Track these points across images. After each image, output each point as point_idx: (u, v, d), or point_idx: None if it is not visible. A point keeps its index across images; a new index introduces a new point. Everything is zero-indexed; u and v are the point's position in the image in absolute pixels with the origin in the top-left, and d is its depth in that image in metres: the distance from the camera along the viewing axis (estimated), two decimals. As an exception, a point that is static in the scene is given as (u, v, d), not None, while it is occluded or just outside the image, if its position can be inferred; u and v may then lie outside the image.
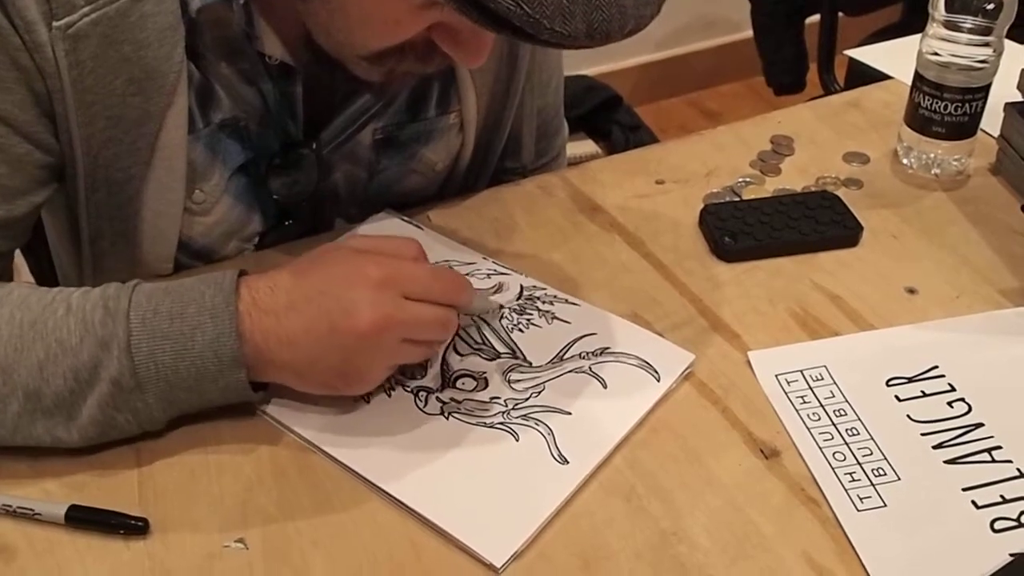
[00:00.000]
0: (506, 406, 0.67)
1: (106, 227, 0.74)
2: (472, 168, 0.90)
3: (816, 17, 1.76)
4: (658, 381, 0.68)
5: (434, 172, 0.88)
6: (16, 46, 0.63)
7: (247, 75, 0.74)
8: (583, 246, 0.82)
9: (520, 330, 0.72)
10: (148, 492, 0.62)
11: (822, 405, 0.67)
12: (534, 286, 0.77)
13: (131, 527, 0.59)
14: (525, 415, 0.66)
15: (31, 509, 0.60)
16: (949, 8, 0.83)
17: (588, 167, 0.92)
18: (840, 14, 1.74)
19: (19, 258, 0.98)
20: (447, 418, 0.66)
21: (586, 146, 1.88)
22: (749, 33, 1.82)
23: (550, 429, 0.65)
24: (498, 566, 0.57)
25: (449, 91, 0.84)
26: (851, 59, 1.69)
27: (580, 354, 0.70)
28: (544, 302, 0.75)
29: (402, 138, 0.84)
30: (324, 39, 0.70)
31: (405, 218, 0.84)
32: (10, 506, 0.60)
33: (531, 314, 0.74)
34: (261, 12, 0.71)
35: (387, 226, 0.84)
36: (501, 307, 0.74)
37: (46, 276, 0.97)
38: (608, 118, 1.93)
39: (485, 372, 0.69)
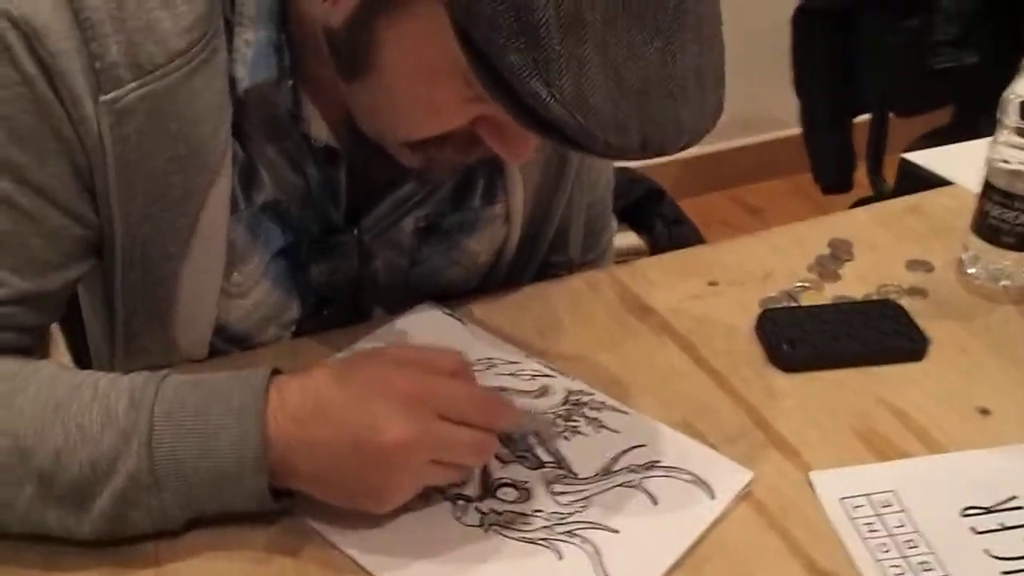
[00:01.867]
0: (549, 520, 0.62)
1: (140, 306, 0.72)
2: (517, 262, 0.87)
3: (865, 116, 1.74)
4: (712, 499, 0.63)
5: (477, 264, 0.85)
6: (60, 118, 0.62)
7: (291, 157, 0.72)
8: (631, 348, 0.78)
9: (565, 438, 0.68)
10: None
11: (891, 535, 0.62)
12: (581, 391, 0.73)
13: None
14: (570, 531, 0.61)
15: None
16: (1023, 115, 0.80)
17: (637, 265, 0.89)
18: (891, 114, 1.73)
19: (56, 331, 0.96)
20: (486, 530, 0.62)
21: (628, 238, 1.86)
22: (793, 130, 1.81)
23: (596, 548, 0.60)
24: None
25: (496, 182, 0.81)
26: (902, 160, 1.66)
27: (629, 467, 0.66)
28: (591, 408, 0.71)
29: (445, 227, 0.81)
30: (367, 123, 0.68)
31: (447, 311, 0.81)
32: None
33: (577, 421, 0.70)
34: (308, 94, 0.70)
35: (427, 318, 0.80)
36: (549, 420, 0.70)
37: (80, 351, 0.94)
38: (651, 211, 1.91)
39: (528, 482, 0.65)
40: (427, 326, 0.80)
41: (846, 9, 1.63)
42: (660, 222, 1.91)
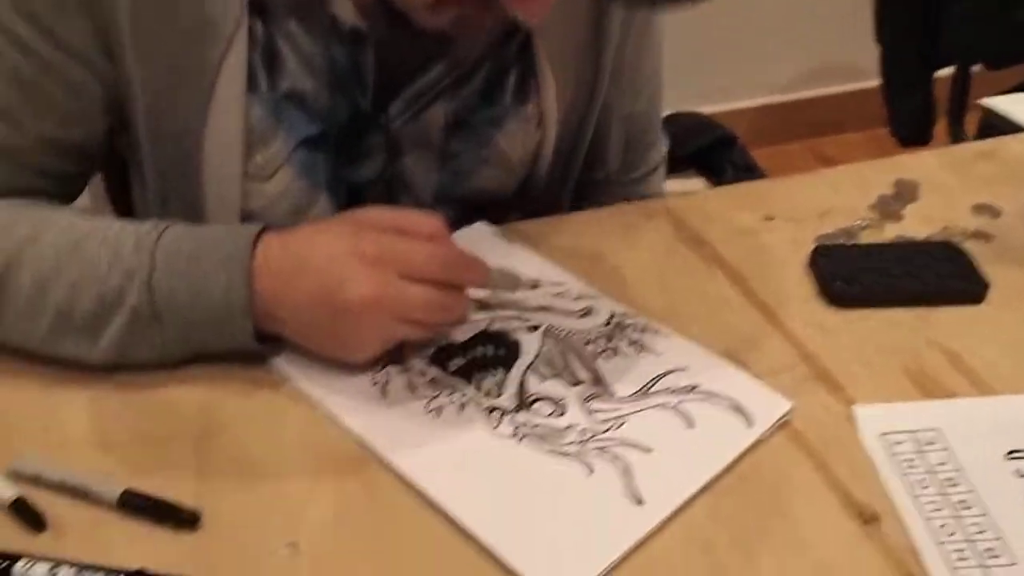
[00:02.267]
0: (583, 436, 0.62)
1: (172, 191, 0.74)
2: (553, 173, 0.86)
3: (947, 71, 1.68)
4: (750, 427, 0.63)
5: (510, 166, 0.83)
6: None
7: (317, 36, 0.72)
8: (681, 277, 0.78)
9: (605, 358, 0.68)
10: (205, 484, 0.60)
11: (932, 472, 0.61)
12: (624, 313, 0.72)
13: (182, 520, 0.57)
14: (602, 447, 0.62)
15: (86, 488, 0.58)
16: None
17: (693, 197, 0.88)
18: (973, 68, 1.67)
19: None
20: (519, 442, 0.62)
21: (695, 184, 1.84)
22: (871, 82, 1.76)
23: (627, 466, 0.60)
24: (559, 606, 0.53)
25: (527, 81, 0.80)
26: (983, 114, 1.60)
27: (668, 389, 0.66)
28: (634, 331, 0.71)
29: (474, 122, 0.80)
30: None
31: (497, 232, 0.81)
32: (66, 482, 0.58)
33: (619, 342, 0.70)
34: None
35: (475, 236, 0.81)
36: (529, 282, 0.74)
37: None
38: (721, 157, 1.88)
39: (564, 398, 0.65)
40: (474, 243, 0.80)
41: (934, -45, 1.57)
42: (730, 168, 1.88)
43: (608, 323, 0.71)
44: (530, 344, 0.69)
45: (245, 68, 0.70)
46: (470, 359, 0.68)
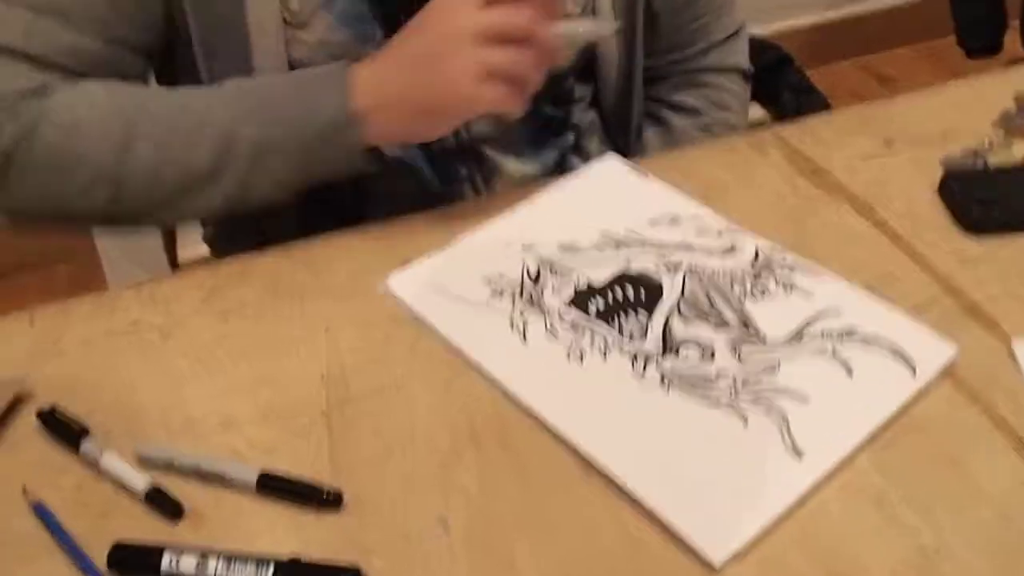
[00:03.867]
0: (734, 383, 0.59)
1: (218, 42, 0.74)
2: (619, 47, 0.83)
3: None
4: (913, 374, 0.59)
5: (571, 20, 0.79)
6: None
7: None
8: (805, 212, 0.73)
9: (753, 297, 0.64)
10: (340, 462, 0.57)
11: (1107, 407, 0.57)
12: (772, 248, 0.68)
13: (325, 501, 0.54)
14: (756, 396, 0.58)
15: (222, 472, 0.56)
16: None
17: (805, 124, 0.83)
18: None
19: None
20: (667, 390, 0.59)
21: (754, 109, 1.78)
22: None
23: (784, 416, 0.57)
24: (716, 564, 0.51)
25: None
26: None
27: (822, 333, 0.62)
28: (782, 268, 0.67)
29: None
30: None
31: (630, 164, 0.78)
32: (200, 468, 0.56)
33: (767, 281, 0.66)
34: None
35: (608, 172, 0.77)
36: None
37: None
38: (777, 80, 1.81)
39: (713, 342, 0.62)
40: (608, 180, 0.76)
41: None
42: (787, 91, 1.81)
43: (754, 261, 0.68)
44: (672, 285, 0.66)
45: None
46: (611, 301, 0.65)
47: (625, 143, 0.90)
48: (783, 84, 1.90)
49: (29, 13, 0.68)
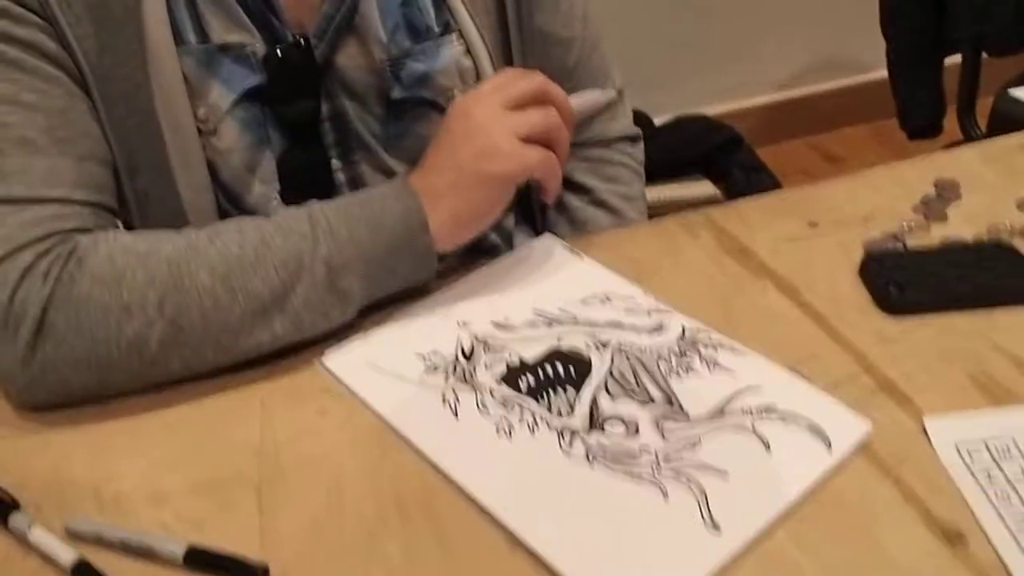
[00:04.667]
0: (656, 458, 0.61)
1: (138, 155, 0.74)
2: None
3: (955, 59, 1.67)
4: (829, 449, 0.61)
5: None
6: None
7: None
8: (732, 292, 0.76)
9: (678, 375, 0.67)
10: (269, 534, 0.58)
11: (1011, 483, 0.60)
12: (698, 328, 0.71)
13: (250, 573, 0.55)
14: (677, 472, 0.60)
15: (149, 547, 0.56)
16: None
17: (733, 206, 0.86)
18: (983, 54, 1.65)
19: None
20: (592, 464, 0.61)
21: (704, 187, 1.82)
22: (876, 74, 1.75)
23: (703, 490, 0.59)
24: (637, 639, 0.52)
25: (443, 11, 0.82)
26: (995, 102, 1.59)
27: (743, 409, 0.64)
28: (706, 346, 0.69)
29: (408, 63, 0.80)
30: None
31: (565, 244, 0.81)
32: (128, 541, 0.57)
33: (691, 359, 0.68)
34: None
35: (543, 250, 0.81)
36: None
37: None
38: (728, 159, 1.87)
39: (637, 418, 0.64)
40: (542, 258, 0.79)
41: (941, -58, 1.55)
42: (738, 170, 1.87)
43: (680, 339, 0.70)
44: (601, 362, 0.68)
45: (166, 17, 0.72)
46: (541, 378, 0.67)
47: (540, 219, 0.93)
48: (734, 163, 1.95)
49: None
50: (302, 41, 0.77)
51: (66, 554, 0.56)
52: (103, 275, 0.65)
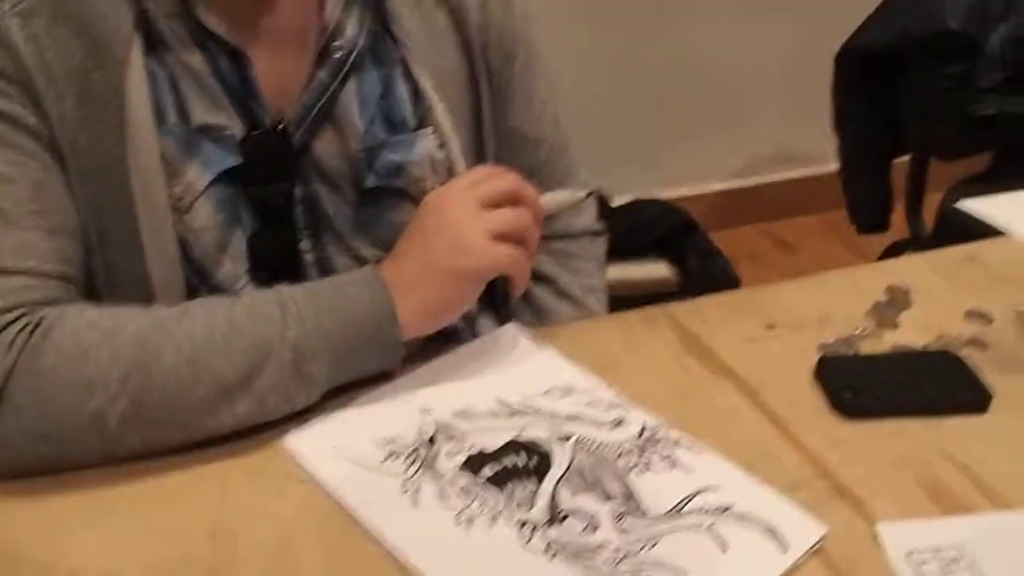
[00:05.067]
0: (616, 555, 0.61)
1: (110, 229, 0.74)
2: None
3: (903, 157, 1.74)
4: (784, 552, 0.62)
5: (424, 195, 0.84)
6: None
7: (205, 56, 0.76)
8: (691, 389, 0.77)
9: (638, 472, 0.68)
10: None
11: (959, 593, 0.61)
12: (656, 426, 0.72)
13: (203, 664, 0.54)
14: (635, 569, 0.60)
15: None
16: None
17: (692, 304, 0.88)
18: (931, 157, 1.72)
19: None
20: (551, 559, 0.61)
21: (660, 269, 1.86)
22: (827, 167, 1.81)
23: (661, 590, 0.59)
24: None
25: (419, 104, 0.83)
26: (942, 207, 1.65)
27: (700, 509, 0.65)
28: (666, 445, 0.70)
29: (383, 153, 0.82)
30: None
31: (528, 334, 0.82)
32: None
33: (651, 456, 0.69)
34: None
35: (506, 340, 0.82)
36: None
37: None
38: (683, 243, 1.91)
39: (596, 514, 0.64)
40: (506, 347, 0.80)
41: (892, 51, 1.62)
42: (693, 254, 1.91)
43: (640, 435, 0.71)
44: (561, 455, 0.69)
45: (147, 94, 0.73)
46: (502, 468, 0.68)
47: (504, 307, 0.95)
48: (689, 246, 2.00)
49: None
50: (280, 127, 0.78)
51: (12, 637, 0.54)
52: (67, 350, 0.65)
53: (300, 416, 0.71)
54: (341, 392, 0.74)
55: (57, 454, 0.65)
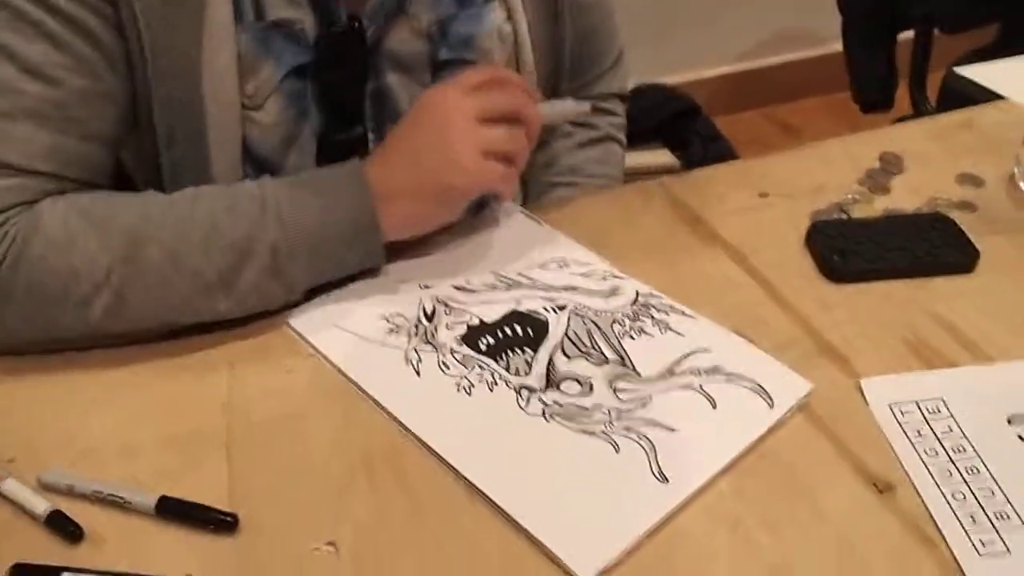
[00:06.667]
0: (609, 415, 0.64)
1: (178, 128, 0.75)
2: (546, 91, 0.89)
3: (908, 34, 1.71)
4: (771, 408, 0.65)
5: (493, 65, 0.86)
6: None
7: None
8: (683, 258, 0.79)
9: (631, 337, 0.70)
10: (238, 488, 0.60)
11: (939, 439, 0.64)
12: (650, 293, 0.74)
13: (221, 523, 0.58)
14: (628, 427, 0.63)
15: (121, 497, 0.59)
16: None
17: (688, 176, 0.89)
18: (935, 31, 1.69)
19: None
20: (548, 421, 0.64)
21: (662, 156, 1.85)
22: (832, 47, 1.78)
23: (652, 444, 0.62)
24: (586, 580, 0.55)
25: None
26: (945, 78, 1.63)
27: (691, 370, 0.67)
28: (659, 311, 0.73)
29: (454, 26, 0.83)
30: None
31: (524, 211, 0.84)
32: (101, 492, 0.59)
33: (644, 322, 0.71)
34: None
35: (506, 217, 0.83)
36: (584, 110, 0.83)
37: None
38: (686, 128, 1.90)
39: (591, 377, 0.67)
40: (503, 224, 0.82)
41: (897, -81, 1.58)
42: (695, 139, 1.90)
43: (634, 303, 0.73)
44: (558, 324, 0.71)
45: None
46: (499, 339, 0.70)
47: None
48: (692, 132, 1.98)
49: (5, 122, 0.68)
50: (356, 23, 0.78)
51: (39, 504, 0.58)
52: (56, 238, 0.67)
53: (305, 294, 0.74)
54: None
55: (47, 338, 0.69)
